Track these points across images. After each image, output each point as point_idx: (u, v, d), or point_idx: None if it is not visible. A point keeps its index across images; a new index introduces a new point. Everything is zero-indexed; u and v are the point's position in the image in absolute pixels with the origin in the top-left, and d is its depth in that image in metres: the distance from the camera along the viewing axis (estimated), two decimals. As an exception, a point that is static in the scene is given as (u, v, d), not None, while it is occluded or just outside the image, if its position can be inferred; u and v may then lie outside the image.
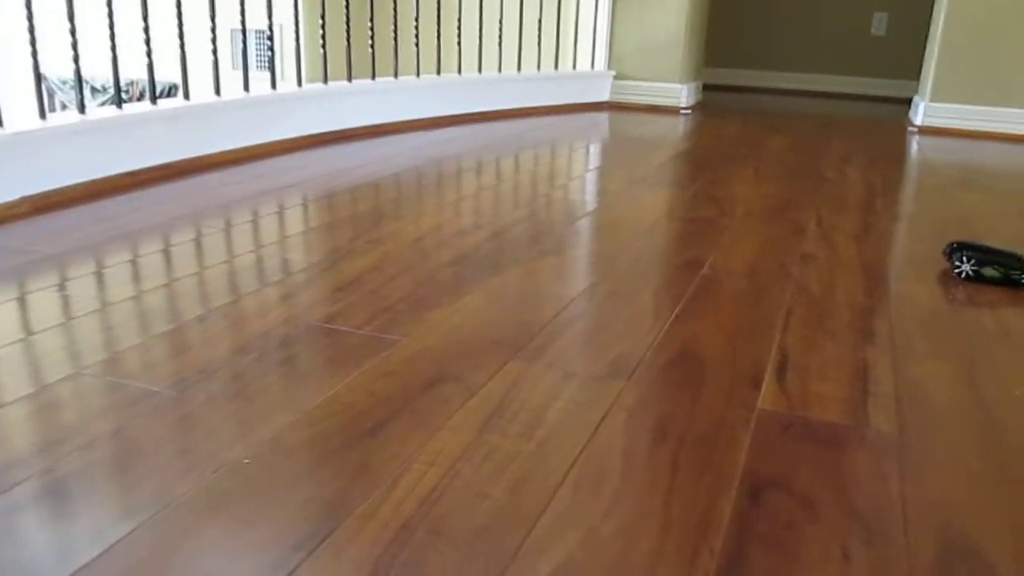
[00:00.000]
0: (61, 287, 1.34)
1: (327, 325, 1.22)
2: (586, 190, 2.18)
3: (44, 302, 1.28)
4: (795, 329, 1.27)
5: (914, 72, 4.81)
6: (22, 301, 1.28)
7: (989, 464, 0.91)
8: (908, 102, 4.29)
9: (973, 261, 1.53)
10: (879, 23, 5.03)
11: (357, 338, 1.18)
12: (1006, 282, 1.52)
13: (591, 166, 2.54)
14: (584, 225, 1.83)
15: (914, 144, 3.23)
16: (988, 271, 1.53)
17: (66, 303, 1.27)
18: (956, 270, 1.56)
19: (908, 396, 1.07)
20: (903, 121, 3.87)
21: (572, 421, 0.96)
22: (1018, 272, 1.51)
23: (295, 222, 1.79)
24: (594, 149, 2.85)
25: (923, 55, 3.94)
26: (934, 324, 1.33)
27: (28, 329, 1.17)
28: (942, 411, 1.03)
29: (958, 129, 3.47)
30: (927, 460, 0.91)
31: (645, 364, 1.13)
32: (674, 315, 1.31)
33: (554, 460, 0.88)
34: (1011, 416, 1.02)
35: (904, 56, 4.99)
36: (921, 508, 0.82)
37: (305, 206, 1.93)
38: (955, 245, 1.58)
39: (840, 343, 1.23)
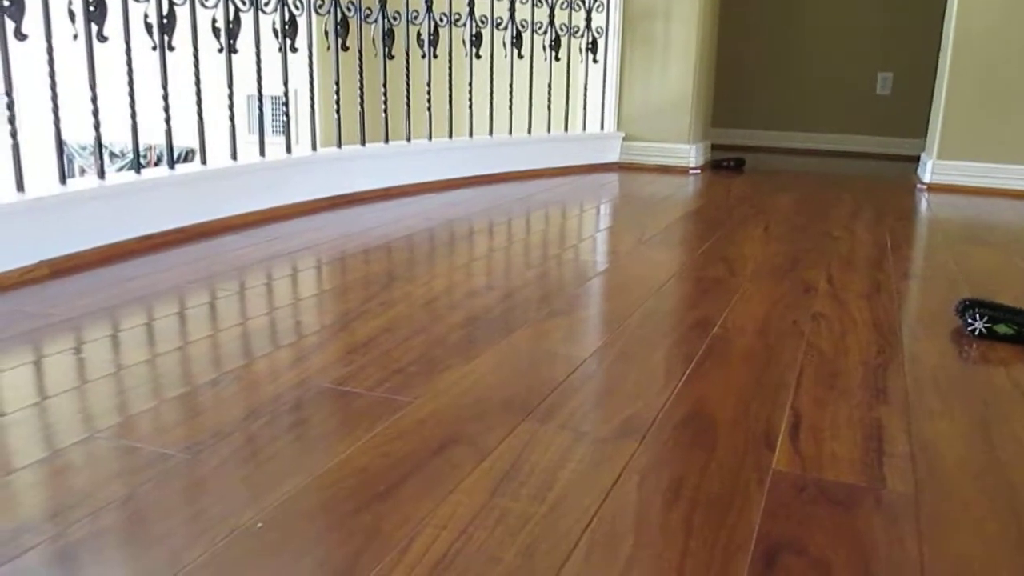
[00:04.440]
0: (77, 350, 1.35)
1: (339, 387, 1.22)
2: (596, 250, 2.20)
3: (60, 365, 1.29)
4: (808, 388, 1.27)
5: (919, 130, 4.86)
6: (38, 365, 1.29)
7: (1006, 525, 0.90)
8: (915, 160, 4.33)
9: (986, 318, 1.53)
10: (884, 83, 5.10)
11: (369, 400, 1.18)
12: (1019, 339, 1.52)
13: (601, 226, 2.56)
14: (595, 285, 1.84)
15: (923, 201, 3.24)
16: (1001, 328, 1.52)
17: (81, 366, 1.29)
18: (968, 327, 1.55)
19: (923, 456, 1.06)
20: (911, 179, 3.90)
21: (584, 483, 0.96)
22: (1031, 329, 1.51)
23: (308, 284, 1.81)
24: (604, 209, 2.87)
25: (928, 113, 3.98)
26: (947, 382, 1.32)
27: (43, 393, 1.18)
28: (958, 471, 1.02)
29: (966, 186, 3.49)
30: (944, 521, 0.90)
31: (657, 425, 1.12)
32: (686, 375, 1.31)
33: (567, 523, 0.87)
34: (1029, 476, 1.01)
35: (909, 115, 5.04)
36: (939, 571, 0.81)
37: (318, 268, 1.95)
38: (967, 302, 1.58)
39: (853, 402, 1.22)
